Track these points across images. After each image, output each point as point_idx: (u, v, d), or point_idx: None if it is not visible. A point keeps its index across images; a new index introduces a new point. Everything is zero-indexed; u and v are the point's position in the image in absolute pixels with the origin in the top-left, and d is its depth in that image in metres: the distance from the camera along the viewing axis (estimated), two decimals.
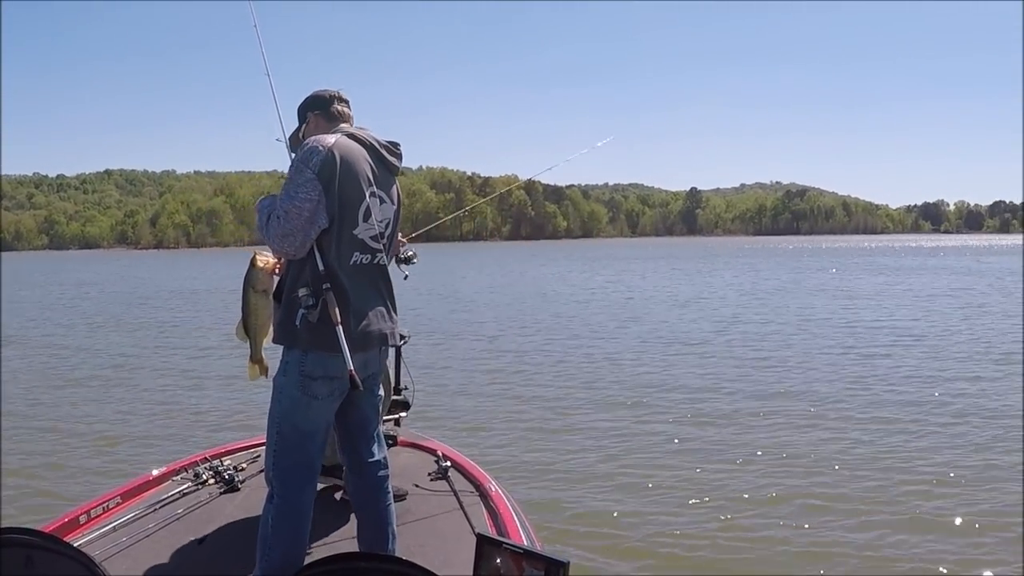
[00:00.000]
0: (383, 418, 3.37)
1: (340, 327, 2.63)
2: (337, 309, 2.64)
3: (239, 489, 3.89)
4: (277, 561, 2.69)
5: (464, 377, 11.09)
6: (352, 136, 2.84)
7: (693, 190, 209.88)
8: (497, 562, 1.91)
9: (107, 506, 3.60)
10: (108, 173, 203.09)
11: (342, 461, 3.03)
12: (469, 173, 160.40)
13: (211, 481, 3.95)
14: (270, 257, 2.86)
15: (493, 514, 3.49)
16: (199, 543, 3.31)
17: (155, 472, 4.01)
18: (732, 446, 7.29)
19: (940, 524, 5.40)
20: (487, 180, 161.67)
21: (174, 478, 3.98)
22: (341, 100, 2.95)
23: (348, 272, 2.74)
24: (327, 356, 2.67)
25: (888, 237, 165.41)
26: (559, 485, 6.31)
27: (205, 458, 4.19)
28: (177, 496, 3.77)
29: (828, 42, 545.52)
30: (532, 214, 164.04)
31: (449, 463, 4.05)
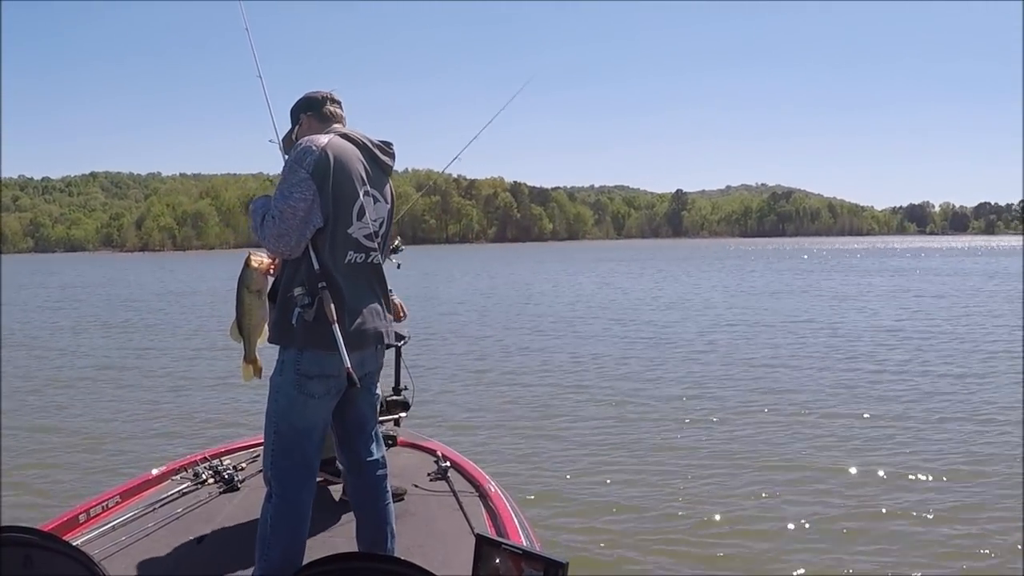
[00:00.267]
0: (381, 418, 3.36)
1: (336, 325, 2.63)
2: (333, 307, 2.64)
3: (238, 489, 3.89)
4: (276, 560, 2.68)
5: (464, 378, 11.09)
6: (345, 136, 2.84)
7: (679, 192, 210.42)
8: (496, 563, 1.91)
9: (106, 505, 3.59)
10: (94, 175, 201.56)
11: (341, 461, 3.02)
12: (455, 175, 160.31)
13: (210, 481, 3.95)
14: (264, 257, 2.85)
15: (492, 514, 3.49)
16: (198, 542, 3.30)
17: (154, 471, 4.00)
18: (732, 446, 7.31)
19: (940, 523, 5.41)
20: (472, 182, 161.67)
21: (173, 477, 3.98)
22: (333, 101, 2.96)
23: (343, 271, 2.74)
24: (323, 354, 2.66)
25: (874, 239, 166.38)
26: (559, 485, 6.31)
27: (204, 457, 4.18)
28: (176, 495, 3.76)
29: (815, 45, 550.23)
30: (518, 216, 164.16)
31: (448, 463, 4.05)
